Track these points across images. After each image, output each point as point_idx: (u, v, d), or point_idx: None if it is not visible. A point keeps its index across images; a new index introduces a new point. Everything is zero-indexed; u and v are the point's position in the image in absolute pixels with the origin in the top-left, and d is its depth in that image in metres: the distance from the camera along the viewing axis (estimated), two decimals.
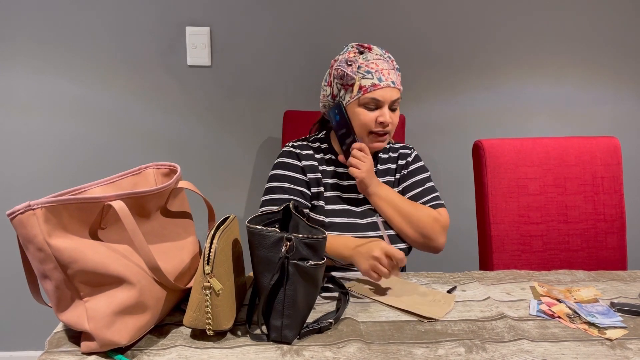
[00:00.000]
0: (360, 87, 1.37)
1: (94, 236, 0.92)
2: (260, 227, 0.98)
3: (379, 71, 1.37)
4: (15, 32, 1.93)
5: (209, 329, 0.94)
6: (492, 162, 1.62)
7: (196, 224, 1.20)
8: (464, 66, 2.08)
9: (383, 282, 1.24)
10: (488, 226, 1.62)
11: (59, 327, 1.00)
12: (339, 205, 1.43)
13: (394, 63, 1.43)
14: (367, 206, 1.43)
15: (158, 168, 1.12)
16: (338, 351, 0.94)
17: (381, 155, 1.51)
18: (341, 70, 1.39)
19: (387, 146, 1.54)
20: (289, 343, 0.97)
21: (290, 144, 1.50)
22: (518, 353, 0.95)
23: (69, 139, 2.02)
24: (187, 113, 2.05)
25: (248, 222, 1.00)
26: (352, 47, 1.42)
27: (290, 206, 1.14)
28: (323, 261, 0.99)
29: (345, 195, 1.45)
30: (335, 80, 1.42)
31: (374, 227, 1.40)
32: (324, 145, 1.50)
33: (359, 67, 1.38)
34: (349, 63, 1.39)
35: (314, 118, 1.90)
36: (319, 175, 1.45)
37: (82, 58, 1.97)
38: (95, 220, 0.91)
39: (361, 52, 1.41)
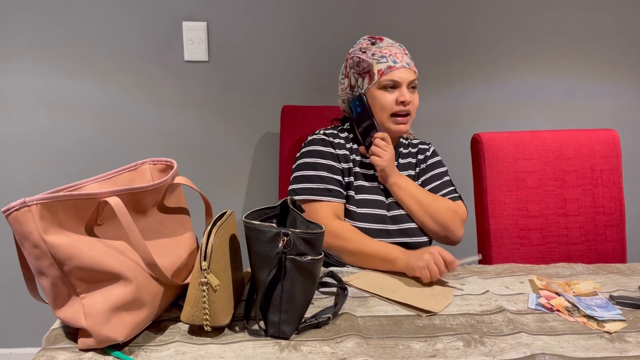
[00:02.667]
0: (377, 71, 1.40)
1: (90, 232, 0.91)
2: (257, 223, 0.97)
3: (392, 55, 1.41)
4: (10, 29, 1.92)
5: (207, 325, 0.94)
6: (490, 156, 1.62)
7: (193, 220, 1.20)
8: (462, 60, 2.07)
9: (382, 276, 1.24)
10: (487, 220, 1.61)
11: (56, 324, 1.00)
12: (370, 195, 1.44)
13: (406, 51, 1.48)
14: (392, 199, 1.45)
15: (155, 164, 1.11)
16: (336, 346, 0.94)
17: (402, 150, 1.54)
18: (357, 57, 1.43)
19: (406, 142, 1.57)
20: (286, 338, 0.97)
21: (321, 132, 1.49)
22: (517, 347, 0.95)
23: (65, 135, 2.01)
24: (184, 108, 2.04)
25: (245, 218, 1.00)
26: (364, 39, 1.47)
27: (288, 201, 1.14)
28: (320, 256, 0.99)
29: (373, 185, 1.46)
30: (352, 70, 1.45)
31: (397, 221, 1.41)
32: (351, 135, 1.51)
33: (373, 54, 1.42)
34: (363, 50, 1.43)
35: (312, 113, 1.90)
36: (350, 164, 1.45)
37: (77, 54, 1.96)
38: (91, 216, 0.91)
39: (373, 43, 1.45)
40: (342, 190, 1.41)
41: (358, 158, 1.47)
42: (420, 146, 1.56)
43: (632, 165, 2.19)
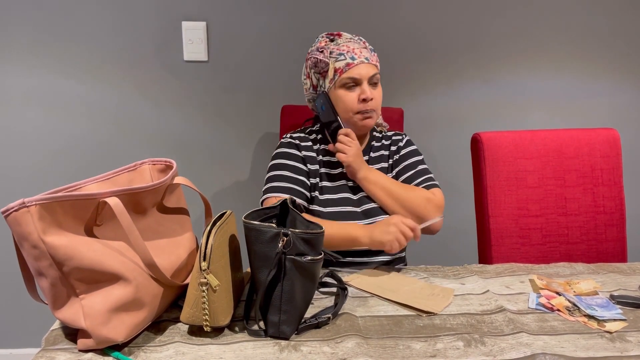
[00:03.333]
0: (336, 70, 1.40)
1: (90, 233, 0.91)
2: (257, 223, 0.97)
3: (350, 51, 1.40)
4: (9, 28, 1.91)
5: (206, 325, 0.94)
6: (490, 155, 1.62)
7: (193, 220, 1.20)
8: (461, 59, 2.07)
9: (382, 276, 1.23)
10: (487, 219, 1.61)
11: (56, 325, 1.00)
12: (336, 194, 1.44)
13: (367, 44, 1.46)
14: (362, 194, 1.44)
15: (154, 164, 1.11)
16: (336, 346, 0.94)
17: (374, 143, 1.53)
18: (314, 58, 1.43)
19: (380, 135, 1.56)
20: (286, 338, 0.97)
21: (289, 135, 1.51)
22: (517, 346, 0.95)
23: (65, 135, 2.01)
24: (184, 108, 2.04)
25: (245, 218, 0.99)
26: (322, 37, 1.47)
27: (288, 201, 1.14)
28: (320, 256, 0.99)
29: (338, 183, 1.46)
30: (312, 71, 1.45)
31: (369, 214, 1.41)
32: (319, 136, 1.52)
33: (331, 52, 1.41)
34: (320, 50, 1.42)
35: (311, 112, 1.89)
36: (316, 166, 1.46)
37: (77, 55, 1.96)
38: (91, 217, 0.91)
39: (332, 40, 1.45)
40: (303, 191, 1.41)
41: (325, 158, 1.48)
42: (393, 137, 1.55)
43: (632, 164, 2.19)
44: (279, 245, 0.95)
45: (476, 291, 1.18)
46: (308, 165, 1.45)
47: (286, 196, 1.35)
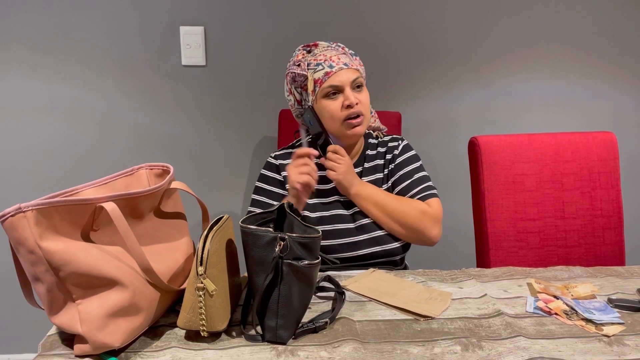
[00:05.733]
0: (316, 81, 1.37)
1: (86, 238, 0.91)
2: (253, 227, 0.97)
3: (327, 59, 1.37)
4: (7, 33, 1.92)
5: (203, 330, 0.93)
6: (488, 159, 1.62)
7: (190, 225, 1.20)
8: (459, 63, 2.08)
9: (380, 280, 1.23)
10: (484, 223, 1.61)
11: (52, 330, 1.00)
12: (328, 211, 1.42)
13: (346, 49, 1.43)
14: (356, 209, 1.42)
15: (151, 169, 1.11)
16: (333, 351, 0.94)
17: (369, 152, 1.49)
18: (292, 73, 1.40)
19: (376, 141, 1.52)
20: (283, 343, 0.96)
21: (273, 155, 1.50)
22: (515, 350, 0.95)
23: (62, 140, 2.01)
24: (182, 113, 2.04)
25: (242, 222, 0.99)
26: (299, 49, 1.44)
27: (285, 205, 1.14)
28: (317, 260, 0.99)
29: (330, 199, 1.43)
30: (293, 86, 1.43)
31: (363, 230, 1.39)
32: None
33: (308, 64, 1.38)
34: (297, 63, 1.40)
35: None
36: None
37: (75, 59, 1.96)
38: (87, 222, 0.90)
39: (309, 51, 1.42)
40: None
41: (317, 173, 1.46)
42: (390, 144, 1.50)
43: (629, 168, 2.19)
44: (276, 249, 0.95)
45: (474, 295, 1.17)
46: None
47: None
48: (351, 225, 1.41)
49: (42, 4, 1.90)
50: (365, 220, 1.40)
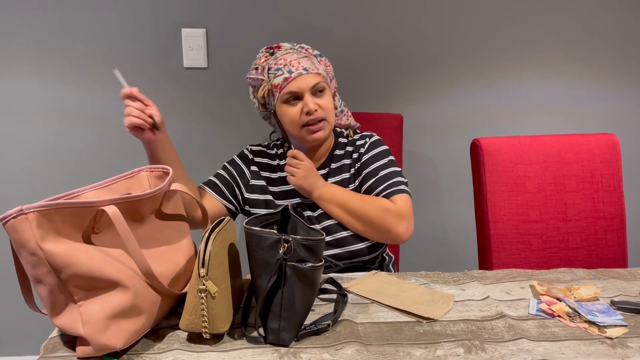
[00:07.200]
0: (275, 86, 1.36)
1: (88, 240, 0.91)
2: (257, 229, 0.97)
3: (287, 64, 1.35)
4: (10, 35, 1.92)
5: (205, 332, 0.93)
6: (490, 161, 1.61)
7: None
8: (460, 64, 2.07)
9: (382, 283, 1.23)
10: (487, 225, 1.61)
11: (55, 332, 0.99)
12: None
13: (309, 51, 1.42)
14: (321, 210, 1.41)
15: (151, 171, 1.11)
16: (336, 353, 0.94)
17: (337, 152, 1.48)
18: (251, 78, 1.40)
19: (346, 140, 1.50)
20: (286, 345, 0.96)
21: (249, 146, 1.53)
22: (517, 353, 0.95)
23: (64, 141, 2.01)
24: (184, 115, 2.04)
25: (245, 224, 0.99)
26: (262, 51, 1.43)
27: (289, 207, 1.14)
28: (321, 263, 0.99)
29: (284, 202, 1.43)
30: (254, 91, 1.43)
31: (329, 232, 1.39)
32: (280, 151, 1.51)
33: (268, 69, 1.37)
34: (256, 67, 1.40)
35: None
36: (263, 182, 1.47)
37: (77, 61, 1.96)
38: (89, 224, 0.90)
39: (272, 54, 1.41)
40: (226, 193, 1.45)
41: (284, 174, 1.46)
42: (357, 143, 1.47)
43: (632, 169, 2.19)
44: (280, 251, 0.95)
45: (476, 297, 1.17)
46: (253, 180, 1.46)
47: (208, 190, 1.43)
48: (317, 226, 1.40)
49: (44, 6, 1.90)
50: (329, 222, 1.39)
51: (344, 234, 1.38)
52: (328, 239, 1.38)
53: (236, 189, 1.47)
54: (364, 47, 2.03)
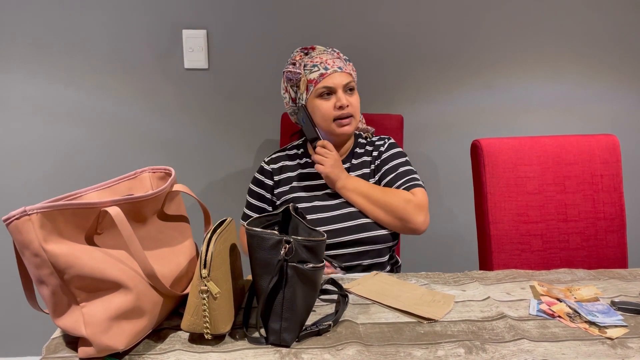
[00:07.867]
0: (310, 81, 1.45)
1: (90, 241, 0.91)
2: (259, 230, 0.97)
3: (323, 62, 1.46)
4: (11, 36, 1.92)
5: (207, 333, 0.94)
6: (490, 162, 1.62)
7: (193, 228, 1.20)
8: (460, 65, 2.08)
9: (383, 283, 1.23)
10: (487, 226, 1.61)
11: (57, 333, 1.00)
12: (309, 203, 1.48)
13: (340, 55, 1.52)
14: (342, 199, 1.48)
15: (154, 172, 1.12)
16: (337, 354, 0.94)
17: (357, 150, 1.57)
18: (288, 72, 1.48)
19: (365, 141, 1.60)
20: (287, 346, 0.96)
21: (266, 159, 1.59)
22: (518, 353, 0.95)
23: (65, 143, 2.02)
24: (185, 116, 2.04)
25: (247, 225, 1.00)
26: (297, 51, 1.53)
27: (290, 208, 1.14)
28: (322, 264, 0.99)
29: (319, 193, 1.50)
30: (288, 84, 1.51)
31: (352, 217, 1.44)
32: (301, 151, 1.58)
33: (304, 65, 1.47)
34: (293, 63, 1.49)
35: None
36: (286, 187, 1.53)
37: (78, 62, 1.96)
38: (92, 225, 0.91)
39: (306, 54, 1.51)
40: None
41: (305, 171, 1.53)
42: (376, 143, 1.58)
43: (632, 170, 2.19)
44: (281, 252, 0.95)
45: (477, 298, 1.17)
46: (277, 189, 1.53)
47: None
48: (336, 213, 1.45)
49: (46, 6, 1.91)
50: (351, 209, 1.45)
51: (366, 220, 1.44)
52: (349, 223, 1.43)
53: (269, 207, 1.56)
54: (364, 48, 2.03)
